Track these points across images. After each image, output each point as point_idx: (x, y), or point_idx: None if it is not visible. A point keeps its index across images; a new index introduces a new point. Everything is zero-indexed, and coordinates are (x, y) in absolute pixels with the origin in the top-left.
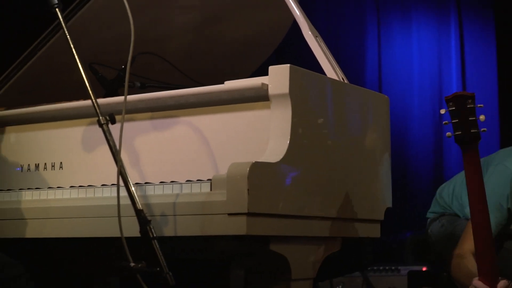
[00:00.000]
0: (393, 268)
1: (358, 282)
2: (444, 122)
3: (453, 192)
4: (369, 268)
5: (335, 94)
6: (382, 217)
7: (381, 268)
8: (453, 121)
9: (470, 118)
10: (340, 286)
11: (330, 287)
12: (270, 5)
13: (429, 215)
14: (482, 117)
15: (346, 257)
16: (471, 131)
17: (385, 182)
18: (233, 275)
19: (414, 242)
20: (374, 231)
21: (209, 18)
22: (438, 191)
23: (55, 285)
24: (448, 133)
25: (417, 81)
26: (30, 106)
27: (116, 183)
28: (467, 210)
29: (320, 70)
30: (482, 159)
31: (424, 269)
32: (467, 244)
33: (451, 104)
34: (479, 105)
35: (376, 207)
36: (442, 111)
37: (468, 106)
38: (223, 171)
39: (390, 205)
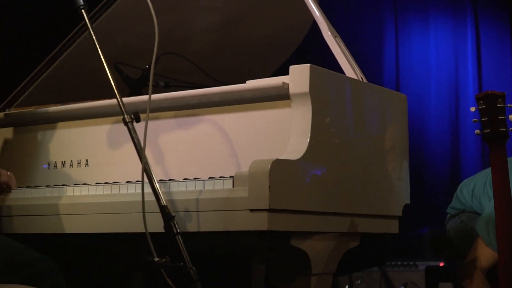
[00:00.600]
0: (410, 263)
1: (377, 277)
2: (473, 120)
3: (473, 191)
4: (387, 263)
5: (354, 93)
6: (400, 213)
7: (399, 263)
8: (482, 119)
9: (499, 117)
10: (359, 281)
11: (349, 282)
12: (290, 6)
13: (449, 210)
14: (511, 117)
15: (365, 252)
16: (500, 129)
17: (403, 179)
18: (255, 270)
19: (432, 238)
20: (392, 227)
21: (231, 18)
22: (459, 187)
23: (81, 280)
24: (477, 131)
25: (434, 80)
26: (57, 105)
27: (140, 179)
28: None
29: (340, 70)
30: (508, 158)
31: (441, 264)
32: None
33: (481, 102)
34: (509, 105)
35: (394, 203)
36: (472, 109)
37: (498, 105)
38: (245, 168)
39: (408, 201)
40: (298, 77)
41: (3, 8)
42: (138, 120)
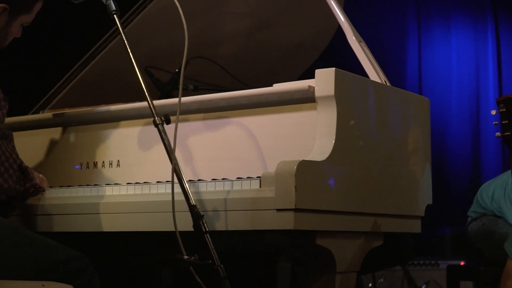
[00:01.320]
0: (432, 262)
1: (399, 275)
2: (494, 123)
3: (492, 195)
4: (409, 262)
5: (378, 96)
6: (422, 214)
7: (421, 262)
8: (502, 122)
9: None
10: (382, 279)
11: (373, 280)
12: (316, 12)
13: (470, 214)
14: None
15: (388, 251)
16: None
17: (425, 180)
18: (281, 267)
19: (453, 238)
20: (415, 226)
21: (259, 24)
22: (479, 191)
23: (114, 276)
24: (498, 134)
25: (455, 84)
26: (89, 108)
27: (170, 180)
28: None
29: (364, 73)
30: None
31: (462, 263)
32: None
33: (502, 105)
34: None
35: (417, 204)
36: (493, 112)
37: None
38: (271, 169)
39: (430, 202)
40: (324, 80)
41: (38, 15)
42: (168, 122)
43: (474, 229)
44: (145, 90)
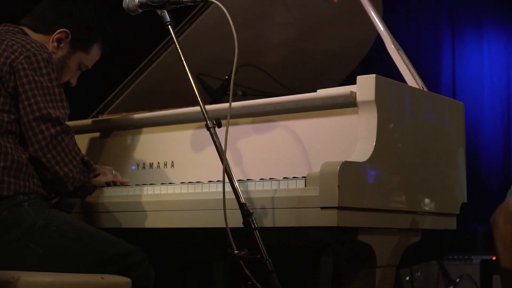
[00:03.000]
0: (466, 257)
1: (435, 269)
2: None
3: None
4: (444, 257)
5: (415, 101)
6: (458, 211)
7: (455, 257)
8: None
9: None
10: (419, 273)
11: (410, 274)
12: (357, 22)
13: None
14: None
15: (425, 247)
16: None
17: (460, 180)
18: (323, 262)
19: (485, 234)
20: (450, 223)
21: (303, 33)
22: (509, 191)
23: (169, 269)
24: None
25: (487, 88)
26: (145, 112)
27: (221, 179)
28: None
29: (402, 79)
30: None
31: (494, 258)
32: None
33: None
34: None
35: (452, 202)
36: None
37: None
38: (316, 169)
39: (465, 200)
40: (365, 86)
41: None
42: (219, 126)
43: None
44: (197, 96)
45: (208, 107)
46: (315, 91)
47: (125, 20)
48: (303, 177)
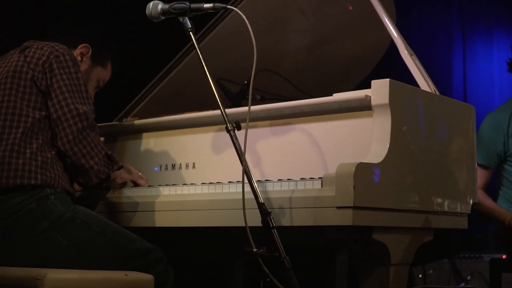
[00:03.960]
0: (476, 255)
1: (446, 267)
2: None
3: None
4: (456, 255)
5: (427, 104)
6: (469, 211)
7: (466, 255)
8: None
9: None
10: (431, 271)
11: (423, 272)
12: (371, 28)
13: None
14: None
15: (437, 245)
16: None
17: (471, 180)
18: (339, 260)
19: (495, 233)
20: (462, 223)
21: (319, 39)
22: None
23: (189, 267)
24: None
25: (497, 92)
26: (168, 116)
27: (241, 180)
28: None
29: (414, 83)
30: None
31: (504, 257)
32: None
33: None
34: None
35: (464, 202)
36: None
37: None
38: (332, 170)
39: (476, 200)
40: (379, 90)
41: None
42: (239, 128)
43: None
44: (218, 100)
45: (228, 110)
46: (331, 95)
47: (148, 27)
48: (319, 177)
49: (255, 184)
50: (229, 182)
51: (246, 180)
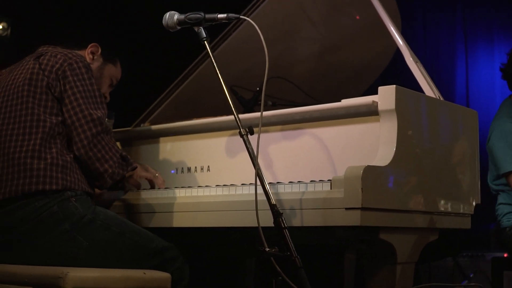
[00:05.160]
0: (479, 254)
1: (450, 265)
2: None
3: None
4: (459, 254)
5: (431, 109)
6: (472, 212)
7: (469, 254)
8: None
9: None
10: (436, 269)
11: (427, 269)
12: (378, 36)
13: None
14: None
15: (442, 244)
16: None
17: (474, 183)
18: (347, 258)
19: (497, 233)
20: (465, 223)
21: (328, 47)
22: None
23: (205, 265)
24: None
25: (498, 97)
26: (183, 121)
27: (253, 182)
28: None
29: (419, 89)
30: None
31: (505, 255)
32: None
33: None
34: None
35: (467, 203)
36: None
37: None
38: (340, 173)
39: (479, 201)
40: (386, 96)
41: (136, 42)
42: (252, 133)
43: None
44: (231, 105)
45: (241, 116)
46: (340, 100)
47: (164, 37)
48: (328, 180)
49: (267, 186)
50: (242, 184)
51: (258, 182)
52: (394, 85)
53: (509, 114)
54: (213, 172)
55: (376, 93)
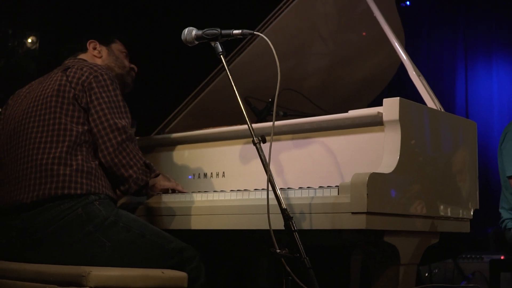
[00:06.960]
0: (478, 256)
1: (450, 267)
2: None
3: None
4: (459, 256)
5: (434, 120)
6: (471, 216)
7: (468, 256)
8: None
9: None
10: (436, 270)
11: (429, 270)
12: (383, 52)
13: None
14: None
15: (442, 247)
16: None
17: (473, 189)
18: (353, 259)
19: (495, 236)
20: (465, 227)
21: (336, 62)
22: None
23: (218, 265)
24: None
25: (496, 109)
26: (200, 130)
27: (266, 188)
28: None
29: (422, 101)
30: None
31: (502, 257)
32: None
33: None
34: None
35: (466, 208)
36: None
37: None
38: (347, 179)
39: (477, 207)
40: (390, 107)
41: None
42: (264, 141)
43: None
44: (245, 115)
45: (254, 125)
46: (347, 111)
47: (185, 51)
48: (336, 186)
49: (278, 192)
50: (255, 189)
51: (270, 188)
52: (398, 97)
53: None
54: (228, 178)
55: (381, 104)
